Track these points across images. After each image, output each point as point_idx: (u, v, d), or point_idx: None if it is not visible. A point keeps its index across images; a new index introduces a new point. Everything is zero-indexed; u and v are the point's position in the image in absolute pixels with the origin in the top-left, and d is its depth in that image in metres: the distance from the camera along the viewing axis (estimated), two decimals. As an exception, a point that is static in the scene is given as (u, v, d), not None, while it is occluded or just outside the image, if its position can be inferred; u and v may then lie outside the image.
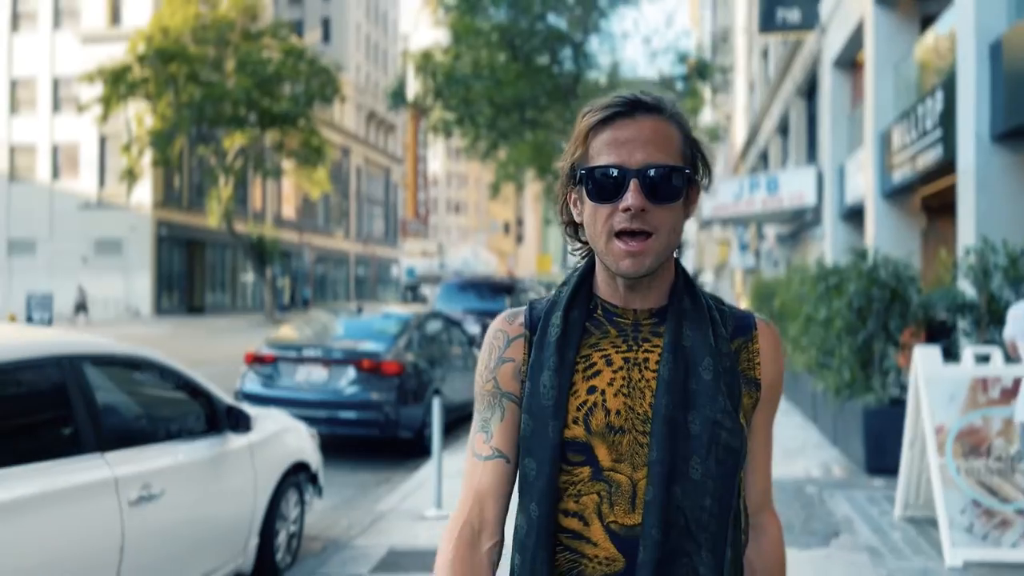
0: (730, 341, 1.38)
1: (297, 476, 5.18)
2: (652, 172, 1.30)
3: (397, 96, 15.57)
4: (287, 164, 39.87)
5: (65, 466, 3.35)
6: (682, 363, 1.32)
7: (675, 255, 1.39)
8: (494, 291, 15.08)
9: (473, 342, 10.67)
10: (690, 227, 51.08)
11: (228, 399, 4.56)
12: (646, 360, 1.35)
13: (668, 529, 1.27)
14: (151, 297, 40.37)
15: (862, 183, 16.15)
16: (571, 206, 1.40)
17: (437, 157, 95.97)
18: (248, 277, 46.84)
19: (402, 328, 8.80)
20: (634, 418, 1.32)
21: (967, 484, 4.78)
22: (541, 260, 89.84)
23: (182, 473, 4.00)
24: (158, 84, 33.50)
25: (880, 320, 6.87)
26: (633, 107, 1.33)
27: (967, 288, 7.84)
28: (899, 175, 13.95)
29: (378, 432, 8.02)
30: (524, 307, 1.45)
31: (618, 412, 1.32)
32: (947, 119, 11.40)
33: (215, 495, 4.28)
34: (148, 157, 34.82)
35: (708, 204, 22.56)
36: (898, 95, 14.88)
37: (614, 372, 1.35)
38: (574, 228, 1.42)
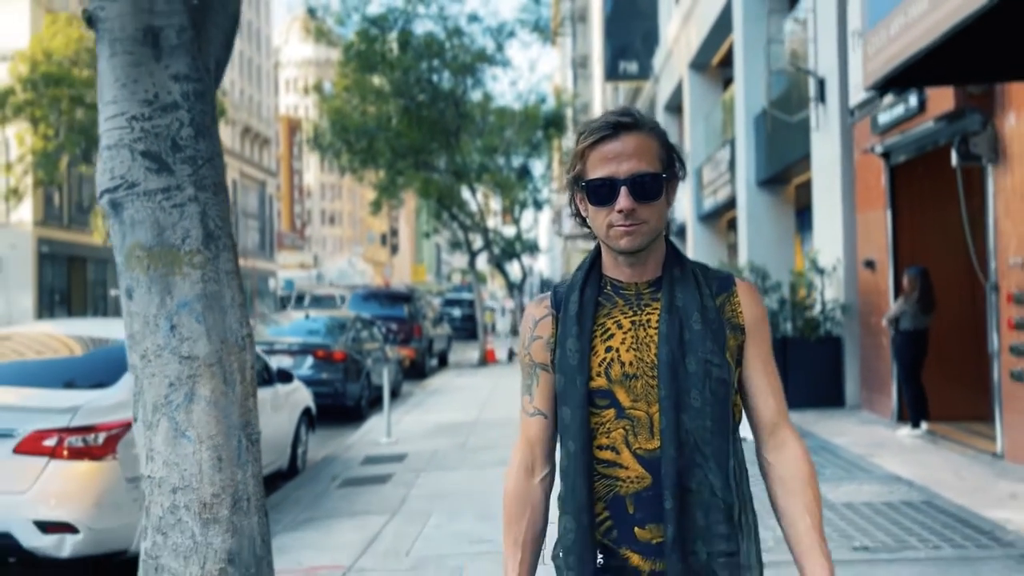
0: (714, 297, 1.70)
1: (305, 416, 8.31)
2: (637, 179, 1.62)
3: (312, 143, 18.54)
4: (171, 182, 41.16)
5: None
6: (676, 319, 1.66)
7: (664, 234, 1.73)
8: (394, 300, 18.24)
9: (386, 340, 13.88)
10: (557, 239, 54.90)
11: (276, 364, 7.71)
12: (648, 320, 1.68)
13: (681, 447, 1.61)
14: (33, 314, 40.96)
15: (685, 207, 20.04)
16: (578, 204, 1.73)
17: (311, 169, 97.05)
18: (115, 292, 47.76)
19: (343, 327, 11.99)
20: (644, 366, 1.66)
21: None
22: (416, 270, 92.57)
23: (265, 405, 7.09)
24: (42, 107, 34.57)
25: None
26: (616, 128, 1.64)
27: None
28: (708, 203, 17.92)
29: (331, 401, 11.08)
30: (549, 292, 1.80)
31: (631, 363, 1.66)
32: (732, 166, 15.38)
33: (277, 420, 7.39)
34: (31, 176, 35.73)
35: (567, 223, 26.25)
36: (707, 140, 18.75)
37: (624, 333, 1.69)
38: (582, 220, 1.75)
